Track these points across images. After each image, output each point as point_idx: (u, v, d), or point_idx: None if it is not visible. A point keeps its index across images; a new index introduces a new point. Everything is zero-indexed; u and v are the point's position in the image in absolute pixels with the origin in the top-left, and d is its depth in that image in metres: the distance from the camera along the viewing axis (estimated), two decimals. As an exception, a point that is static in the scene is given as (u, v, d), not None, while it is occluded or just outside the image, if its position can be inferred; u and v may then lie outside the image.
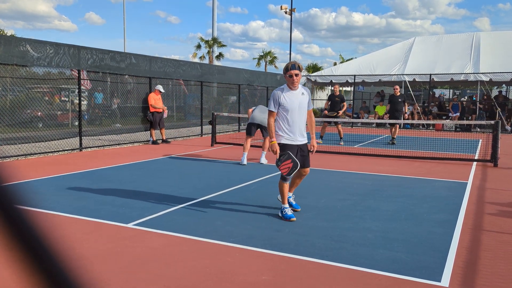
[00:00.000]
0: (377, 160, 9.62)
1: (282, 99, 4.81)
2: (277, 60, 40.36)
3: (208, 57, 36.72)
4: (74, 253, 3.75)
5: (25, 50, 9.45)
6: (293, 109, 4.81)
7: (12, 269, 0.47)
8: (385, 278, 3.32)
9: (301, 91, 4.89)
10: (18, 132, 9.86)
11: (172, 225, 4.62)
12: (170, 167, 8.45)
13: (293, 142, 4.85)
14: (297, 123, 4.84)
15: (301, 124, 4.88)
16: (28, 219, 0.49)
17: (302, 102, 4.87)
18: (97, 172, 7.78)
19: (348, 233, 4.39)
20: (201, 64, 17.04)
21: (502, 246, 4.09)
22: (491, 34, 22.25)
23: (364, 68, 21.85)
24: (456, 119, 19.17)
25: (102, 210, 5.19)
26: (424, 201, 5.83)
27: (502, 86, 25.24)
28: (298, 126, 4.85)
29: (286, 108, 4.80)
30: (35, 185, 6.59)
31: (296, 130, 4.85)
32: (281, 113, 4.85)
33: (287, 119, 4.83)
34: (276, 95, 4.86)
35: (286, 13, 27.62)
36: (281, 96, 4.82)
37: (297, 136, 4.87)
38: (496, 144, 8.96)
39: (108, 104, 13.11)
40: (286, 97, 4.81)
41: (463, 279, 3.32)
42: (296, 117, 4.83)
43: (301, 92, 4.89)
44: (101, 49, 11.56)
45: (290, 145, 4.84)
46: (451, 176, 7.82)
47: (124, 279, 3.28)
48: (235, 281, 3.26)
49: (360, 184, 6.97)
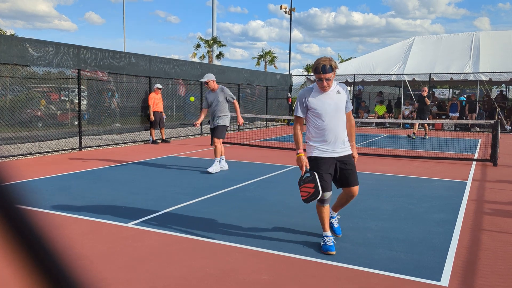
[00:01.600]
0: (377, 160, 9.62)
1: (312, 101, 3.90)
2: (276, 59, 40.39)
3: (208, 57, 36.71)
4: (74, 253, 3.75)
5: (25, 49, 9.44)
6: (327, 112, 3.87)
7: (12, 269, 0.47)
8: (385, 277, 3.33)
9: (336, 89, 3.93)
10: (18, 132, 9.86)
11: (171, 224, 4.62)
12: (169, 166, 8.45)
13: (328, 155, 3.89)
14: (333, 129, 3.87)
15: (339, 130, 3.89)
16: (28, 218, 0.49)
17: (339, 102, 3.90)
18: (97, 171, 7.78)
19: (347, 233, 4.39)
20: (200, 63, 17.04)
21: (502, 245, 4.10)
22: (490, 34, 22.25)
23: (364, 68, 21.85)
24: (455, 119, 19.17)
25: (102, 209, 5.19)
26: (424, 201, 5.83)
27: (502, 86, 25.24)
28: (335, 133, 3.87)
29: (317, 111, 3.87)
30: (35, 184, 6.59)
31: (332, 139, 3.88)
32: (312, 119, 3.93)
33: (320, 126, 3.89)
34: (302, 96, 3.95)
35: (285, 13, 27.60)
36: (309, 98, 3.91)
37: (335, 146, 3.90)
38: (496, 143, 8.96)
39: (108, 104, 13.11)
40: (317, 98, 3.90)
41: (462, 278, 3.32)
42: (332, 122, 3.87)
43: (337, 91, 3.93)
44: (101, 48, 11.56)
45: (324, 159, 3.89)
46: (451, 175, 7.82)
47: (124, 278, 3.28)
48: (235, 281, 3.26)
49: (359, 183, 6.96)
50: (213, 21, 36.33)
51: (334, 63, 3.80)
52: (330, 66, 3.75)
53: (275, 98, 21.00)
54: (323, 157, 3.88)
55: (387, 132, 17.34)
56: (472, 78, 19.26)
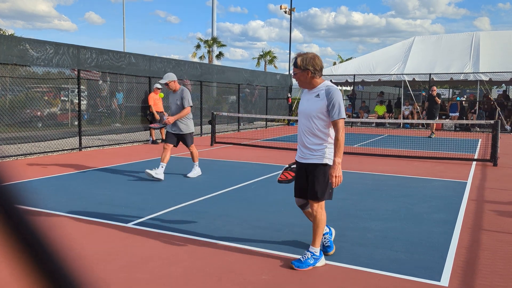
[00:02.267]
0: (377, 160, 9.62)
1: (301, 98, 3.77)
2: (276, 59, 40.42)
3: (208, 57, 36.72)
4: (74, 253, 3.75)
5: (24, 49, 9.44)
6: (300, 113, 3.65)
7: (12, 268, 0.47)
8: (385, 277, 3.33)
9: (317, 92, 3.54)
10: (18, 132, 9.86)
11: (171, 224, 4.62)
12: (169, 166, 8.44)
13: (298, 159, 3.70)
14: (301, 133, 3.64)
15: (306, 136, 3.58)
16: (27, 219, 0.49)
17: (312, 106, 3.52)
18: (97, 172, 7.77)
19: (347, 233, 4.39)
20: (200, 63, 17.04)
21: (502, 245, 4.10)
22: (490, 34, 22.25)
23: (364, 68, 21.85)
24: (455, 119, 19.17)
25: (102, 210, 5.19)
26: (424, 201, 5.83)
27: (501, 86, 25.24)
28: (302, 137, 3.63)
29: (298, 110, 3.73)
30: (35, 185, 6.59)
31: (301, 142, 3.64)
32: None
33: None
34: None
35: (285, 13, 27.61)
36: (302, 95, 3.79)
37: (301, 152, 3.64)
38: (496, 143, 8.96)
39: (108, 104, 13.11)
40: (303, 96, 3.71)
41: (462, 278, 3.32)
42: (301, 125, 3.63)
43: (317, 93, 3.53)
44: (100, 48, 11.56)
45: (298, 162, 3.72)
46: (451, 175, 7.82)
47: (123, 278, 3.28)
48: (235, 281, 3.26)
49: (359, 183, 6.97)
50: (213, 21, 36.36)
51: (300, 60, 3.49)
52: (295, 61, 3.52)
53: (275, 98, 21.00)
54: (297, 160, 3.73)
55: (387, 132, 17.34)
56: (472, 78, 19.26)
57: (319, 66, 3.52)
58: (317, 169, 3.53)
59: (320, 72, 3.55)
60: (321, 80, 3.60)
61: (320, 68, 3.53)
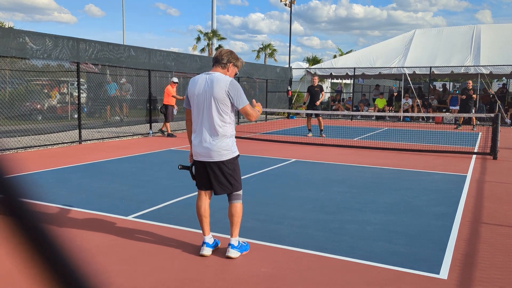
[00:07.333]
0: (377, 153, 9.62)
1: None
2: (276, 52, 40.21)
3: (208, 50, 36.58)
4: (74, 245, 3.76)
5: (23, 42, 9.40)
6: None
7: (14, 260, 0.47)
8: (384, 270, 3.34)
9: None
10: (18, 125, 9.85)
11: (171, 217, 4.63)
12: (170, 159, 8.45)
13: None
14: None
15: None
16: (29, 211, 0.49)
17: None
18: (97, 164, 7.78)
19: (347, 226, 4.41)
20: (200, 56, 16.99)
21: (501, 238, 4.11)
22: (491, 27, 22.16)
23: (364, 61, 21.78)
24: (456, 113, 19.13)
25: (102, 202, 5.20)
26: (424, 194, 5.84)
27: (502, 79, 25.18)
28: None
29: None
30: (35, 177, 6.60)
31: None
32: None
33: None
34: None
35: (286, 5, 27.44)
36: None
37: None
38: (496, 137, 8.96)
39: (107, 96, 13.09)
40: None
41: (461, 271, 3.34)
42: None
43: None
44: (100, 41, 11.52)
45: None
46: (451, 169, 7.83)
47: (124, 271, 3.29)
48: (235, 273, 3.28)
49: (359, 176, 6.98)
50: (212, 14, 36.17)
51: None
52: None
53: (275, 91, 20.96)
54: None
55: (387, 126, 17.33)
56: (472, 71, 19.20)
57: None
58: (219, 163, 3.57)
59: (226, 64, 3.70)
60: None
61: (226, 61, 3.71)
